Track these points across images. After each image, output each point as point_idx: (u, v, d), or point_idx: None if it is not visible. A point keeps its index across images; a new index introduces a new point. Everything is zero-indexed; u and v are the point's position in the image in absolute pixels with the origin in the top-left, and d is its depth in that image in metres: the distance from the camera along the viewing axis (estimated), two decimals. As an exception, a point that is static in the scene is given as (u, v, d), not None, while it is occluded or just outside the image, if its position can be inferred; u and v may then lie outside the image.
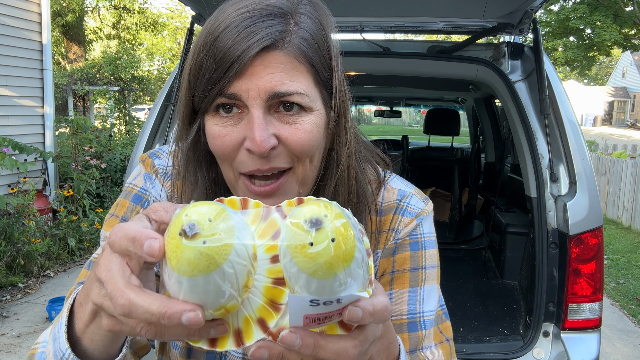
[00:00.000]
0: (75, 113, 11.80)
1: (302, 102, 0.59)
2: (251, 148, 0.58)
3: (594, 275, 1.85)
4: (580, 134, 1.98)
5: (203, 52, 0.58)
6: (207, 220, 0.40)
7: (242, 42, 0.56)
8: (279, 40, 0.57)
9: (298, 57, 0.59)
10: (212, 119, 0.61)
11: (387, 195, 0.76)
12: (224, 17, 0.58)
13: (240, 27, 0.56)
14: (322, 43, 0.61)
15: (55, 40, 14.62)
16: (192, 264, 0.39)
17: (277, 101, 0.58)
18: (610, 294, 5.08)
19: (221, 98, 0.59)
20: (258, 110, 0.57)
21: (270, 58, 0.57)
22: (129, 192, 0.75)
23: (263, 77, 0.57)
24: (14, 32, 5.49)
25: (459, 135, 4.79)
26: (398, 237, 0.74)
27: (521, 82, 2.16)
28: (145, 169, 0.77)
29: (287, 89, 0.58)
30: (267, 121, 0.58)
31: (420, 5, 2.18)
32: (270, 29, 0.57)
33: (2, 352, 3.36)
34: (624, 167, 8.08)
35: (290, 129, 0.59)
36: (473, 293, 2.66)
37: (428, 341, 0.73)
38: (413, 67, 2.29)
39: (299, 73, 0.59)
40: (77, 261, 5.26)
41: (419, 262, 0.74)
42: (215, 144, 0.61)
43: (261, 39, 0.56)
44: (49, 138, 6.00)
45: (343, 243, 0.40)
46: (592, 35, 19.73)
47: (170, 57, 19.95)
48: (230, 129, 0.60)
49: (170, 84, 2.33)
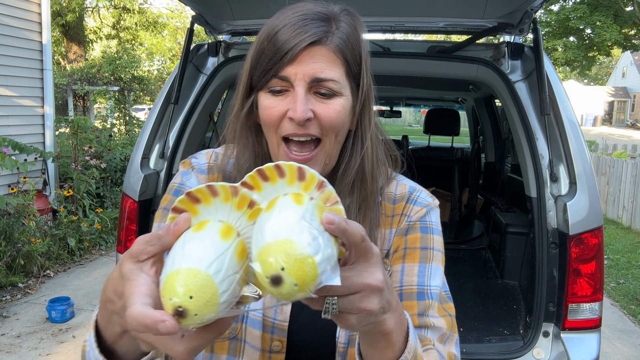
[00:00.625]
0: (75, 113, 11.82)
1: (334, 88, 0.75)
2: (293, 116, 0.74)
3: (594, 275, 1.85)
4: (580, 134, 1.97)
5: (265, 43, 0.75)
6: (189, 298, 0.45)
7: (297, 37, 0.73)
8: (323, 38, 0.74)
9: (336, 52, 0.75)
10: (265, 95, 0.77)
11: (399, 189, 0.91)
12: (283, 17, 0.76)
13: (296, 26, 0.74)
14: (355, 45, 0.78)
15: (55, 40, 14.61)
16: (195, 324, 0.47)
17: (316, 85, 0.75)
18: (610, 294, 5.08)
19: (275, 79, 0.75)
20: (302, 89, 0.74)
21: (315, 51, 0.74)
22: (170, 188, 0.90)
23: (308, 64, 0.73)
24: (14, 32, 5.49)
25: (459, 135, 4.79)
26: (410, 221, 0.87)
27: (521, 82, 2.16)
28: (184, 167, 0.92)
29: (325, 76, 0.74)
30: (307, 98, 0.74)
31: (420, 5, 2.18)
32: (317, 29, 0.74)
33: (2, 352, 3.36)
34: (624, 167, 8.08)
35: (323, 107, 0.76)
36: (473, 293, 2.66)
37: (433, 311, 0.82)
38: (413, 67, 2.29)
39: (335, 65, 0.75)
40: (77, 261, 5.26)
41: (428, 243, 0.86)
42: (266, 113, 0.77)
43: (310, 36, 0.73)
44: (49, 138, 6.00)
45: (305, 278, 0.46)
46: (592, 35, 19.72)
47: (170, 57, 19.93)
48: (278, 103, 0.76)
49: (170, 84, 2.32)
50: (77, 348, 3.47)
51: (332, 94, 0.76)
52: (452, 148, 4.69)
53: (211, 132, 3.61)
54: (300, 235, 0.47)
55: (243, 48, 2.51)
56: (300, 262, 0.45)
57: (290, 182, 0.53)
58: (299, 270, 0.45)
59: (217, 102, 2.83)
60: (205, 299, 0.45)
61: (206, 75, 2.43)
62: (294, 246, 0.46)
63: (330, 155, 0.80)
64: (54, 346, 3.48)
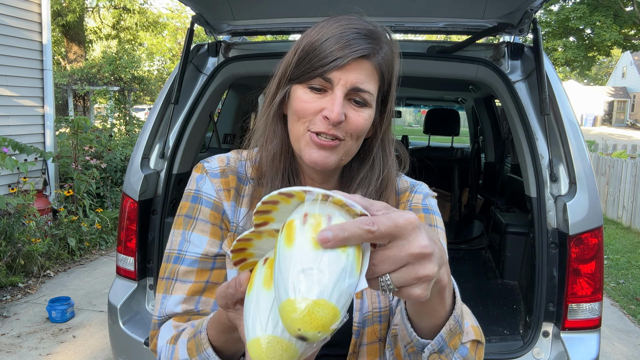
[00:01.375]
0: (75, 113, 11.81)
1: (367, 99, 0.82)
2: (329, 116, 0.80)
3: (594, 275, 1.85)
4: (580, 134, 1.97)
5: (317, 44, 0.81)
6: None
7: (349, 47, 0.79)
8: (370, 54, 0.81)
9: (376, 69, 0.82)
10: (303, 89, 0.83)
11: (402, 183, 0.99)
12: (337, 26, 0.81)
13: (350, 37, 0.80)
14: (390, 66, 0.85)
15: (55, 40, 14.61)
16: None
17: (354, 93, 0.81)
18: (610, 294, 5.08)
19: (319, 79, 0.81)
20: (341, 93, 0.80)
21: (361, 63, 0.80)
22: (187, 195, 0.94)
23: (353, 73, 0.80)
24: (14, 32, 5.49)
25: (459, 135, 4.79)
26: (411, 204, 0.96)
27: (521, 82, 2.16)
28: (197, 172, 0.95)
29: (364, 87, 0.81)
30: (343, 103, 0.81)
31: (420, 5, 2.18)
32: (368, 45, 0.80)
33: (2, 352, 3.37)
34: (624, 167, 8.08)
35: (355, 113, 0.83)
36: (473, 293, 2.66)
37: None
38: (413, 67, 2.29)
39: (373, 79, 0.83)
40: (77, 261, 5.26)
41: (432, 221, 0.93)
42: (302, 106, 0.82)
43: (362, 49, 0.80)
44: (49, 138, 6.00)
45: (325, 322, 0.45)
46: (592, 35, 19.70)
47: (170, 57, 19.92)
48: (316, 99, 0.82)
49: (170, 84, 2.32)
50: (77, 348, 3.48)
51: (364, 104, 0.83)
52: (452, 148, 4.69)
53: (211, 132, 3.62)
54: (297, 286, 0.45)
55: (243, 48, 2.52)
56: (309, 316, 0.44)
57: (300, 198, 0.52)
58: (313, 322, 0.44)
59: (217, 102, 2.83)
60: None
61: (206, 75, 2.44)
62: (294, 306, 0.44)
63: (348, 153, 0.86)
64: (54, 346, 3.48)
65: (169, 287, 0.88)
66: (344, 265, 0.46)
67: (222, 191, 0.92)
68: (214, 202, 0.91)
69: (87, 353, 3.41)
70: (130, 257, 2.19)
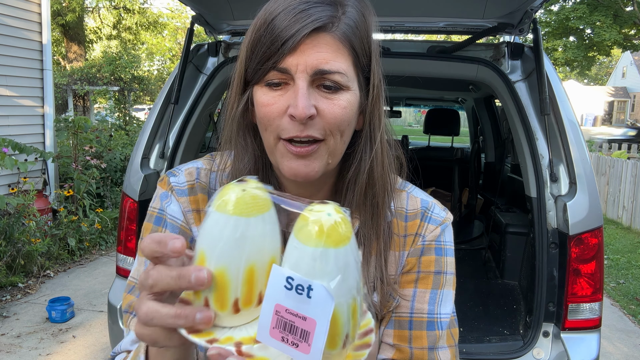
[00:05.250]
0: (75, 113, 11.80)
1: (340, 81, 0.66)
2: (294, 114, 0.64)
3: (594, 275, 1.85)
4: (581, 134, 1.97)
5: (261, 30, 0.66)
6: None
7: (297, 23, 0.64)
8: (328, 23, 0.65)
9: (342, 40, 0.66)
10: (262, 90, 0.68)
11: (411, 203, 0.83)
12: (281, 1, 0.67)
13: (296, 10, 0.64)
14: (364, 33, 0.70)
15: (55, 40, 14.60)
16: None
17: (320, 77, 0.66)
18: (610, 294, 5.08)
19: (273, 72, 0.66)
20: (303, 82, 0.65)
21: (319, 39, 0.65)
22: (150, 215, 0.81)
23: (311, 54, 0.64)
24: (14, 32, 5.49)
25: (459, 135, 4.79)
26: (425, 241, 0.81)
27: (521, 82, 2.16)
28: (162, 188, 0.82)
29: (330, 68, 0.65)
30: (310, 93, 0.65)
31: (420, 5, 2.18)
32: (322, 14, 0.65)
33: (2, 352, 3.36)
34: (624, 167, 8.08)
35: (327, 103, 0.67)
36: (473, 293, 2.66)
37: (442, 342, 0.80)
38: (413, 67, 2.29)
39: (341, 55, 0.66)
40: (77, 261, 5.26)
41: (442, 267, 0.81)
42: (263, 111, 0.68)
43: (314, 21, 0.64)
44: (49, 138, 5.99)
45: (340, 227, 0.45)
46: (592, 35, 19.70)
47: (170, 57, 19.91)
48: (277, 99, 0.67)
49: (170, 84, 2.32)
50: (77, 348, 3.47)
51: (338, 88, 0.67)
52: (452, 148, 4.69)
53: (211, 132, 3.62)
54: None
55: (243, 48, 2.51)
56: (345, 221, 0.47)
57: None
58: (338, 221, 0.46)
59: (217, 102, 2.83)
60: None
61: (206, 75, 2.43)
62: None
63: (333, 153, 0.70)
64: (54, 346, 3.48)
65: (126, 322, 0.78)
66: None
67: (191, 212, 0.79)
68: (181, 227, 0.79)
69: (87, 353, 3.41)
70: (130, 257, 2.19)
